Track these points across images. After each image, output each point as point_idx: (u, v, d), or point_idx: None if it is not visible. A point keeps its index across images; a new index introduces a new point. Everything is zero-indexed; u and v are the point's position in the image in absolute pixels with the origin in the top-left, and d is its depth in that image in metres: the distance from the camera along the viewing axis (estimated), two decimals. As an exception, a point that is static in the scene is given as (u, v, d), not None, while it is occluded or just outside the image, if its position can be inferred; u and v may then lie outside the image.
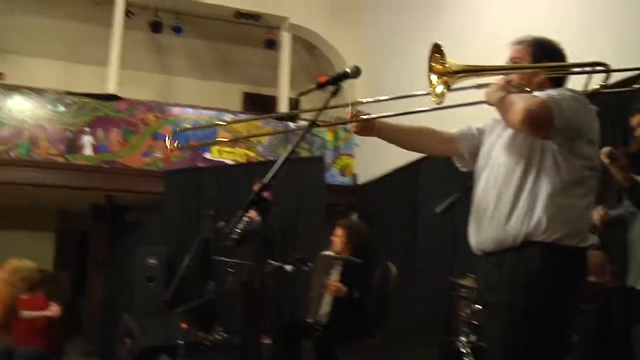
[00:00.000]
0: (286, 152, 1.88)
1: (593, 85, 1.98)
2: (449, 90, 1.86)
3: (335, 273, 4.11)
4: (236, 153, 7.88)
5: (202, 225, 6.04)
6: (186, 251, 6.68)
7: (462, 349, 3.84)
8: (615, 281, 3.19)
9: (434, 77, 1.89)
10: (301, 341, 4.18)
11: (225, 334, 6.05)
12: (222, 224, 5.50)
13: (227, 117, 8.01)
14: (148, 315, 6.11)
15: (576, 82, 2.03)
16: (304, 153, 7.90)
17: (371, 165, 7.80)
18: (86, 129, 7.39)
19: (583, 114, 1.85)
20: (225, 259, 5.22)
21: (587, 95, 1.92)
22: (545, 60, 2.00)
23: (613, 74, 1.95)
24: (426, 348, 5.00)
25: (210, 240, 6.73)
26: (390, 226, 6.81)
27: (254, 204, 1.95)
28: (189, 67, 9.65)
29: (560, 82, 2.03)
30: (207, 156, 7.76)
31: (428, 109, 2.02)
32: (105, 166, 7.39)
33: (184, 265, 4.94)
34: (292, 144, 2.09)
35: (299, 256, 4.14)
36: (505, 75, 1.98)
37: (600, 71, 1.94)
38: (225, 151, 7.85)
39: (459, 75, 1.87)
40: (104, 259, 8.43)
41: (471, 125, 2.22)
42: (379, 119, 2.22)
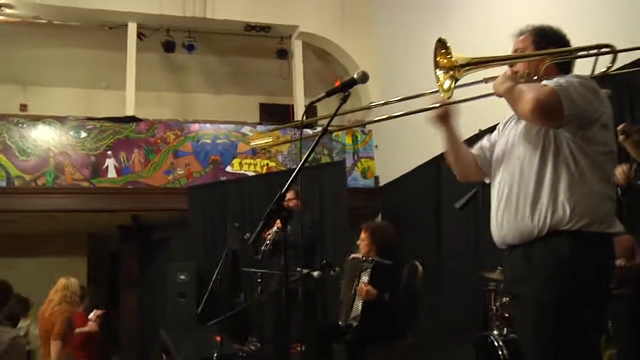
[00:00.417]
0: (301, 161, 1.92)
1: (602, 68, 1.97)
2: (456, 83, 1.88)
3: (364, 276, 4.12)
4: (257, 164, 7.95)
5: (228, 238, 6.10)
6: (214, 265, 6.78)
7: (496, 343, 3.80)
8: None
9: (440, 72, 1.91)
10: (333, 344, 4.20)
11: (258, 344, 6.09)
12: (248, 235, 5.55)
13: (245, 129, 8.08)
14: (182, 330, 6.18)
15: (585, 67, 2.02)
16: (324, 159, 7.93)
17: (391, 166, 7.80)
18: (108, 152, 7.55)
19: (592, 100, 1.84)
20: (254, 269, 5.27)
21: (596, 79, 1.92)
22: (549, 47, 2.00)
23: (621, 54, 1.95)
24: (460, 345, 4.96)
25: (238, 251, 6.79)
26: (415, 225, 6.79)
27: (277, 213, 1.99)
28: (204, 83, 9.78)
29: (567, 68, 2.02)
30: (228, 169, 7.84)
31: (437, 104, 2.03)
32: (130, 187, 7.52)
33: (213, 279, 5.00)
34: (317, 154, 2.09)
35: (325, 261, 4.15)
36: (512, 66, 1.99)
37: (606, 52, 1.94)
38: (246, 163, 7.92)
39: (466, 68, 1.88)
40: (135, 277, 8.56)
41: (483, 138, 2.22)
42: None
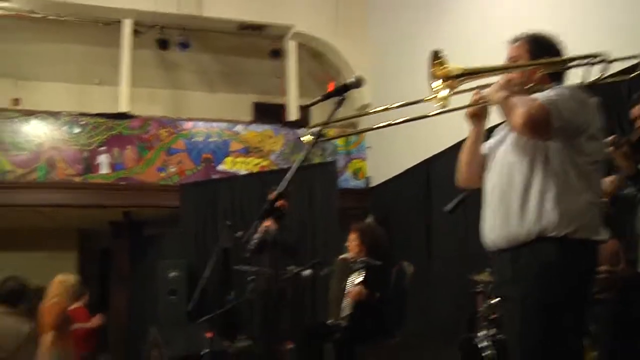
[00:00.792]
0: (296, 164, 1.96)
1: (593, 77, 2.02)
2: (452, 93, 1.93)
3: (355, 277, 4.17)
4: (249, 163, 7.99)
5: (220, 236, 6.13)
6: (205, 262, 6.80)
7: (482, 344, 3.87)
8: (630, 269, 3.22)
9: (436, 82, 1.96)
10: (322, 343, 4.25)
11: (248, 341, 6.13)
12: (240, 233, 5.58)
13: (238, 128, 8.11)
14: (172, 327, 6.21)
15: (578, 75, 2.07)
16: (316, 159, 7.97)
17: (383, 167, 7.86)
18: (102, 148, 7.55)
19: (581, 112, 1.91)
20: (245, 267, 5.31)
21: (588, 87, 1.97)
22: (543, 56, 2.05)
23: (612, 64, 2.00)
24: (447, 346, 5.02)
25: (229, 250, 6.82)
26: (405, 226, 6.85)
27: (269, 213, 2.05)
28: (198, 81, 9.78)
29: (559, 77, 2.08)
30: (220, 168, 7.87)
31: (432, 113, 2.08)
32: (122, 183, 7.53)
33: (205, 276, 5.02)
34: (303, 152, 2.12)
35: (316, 261, 4.21)
36: (506, 74, 2.05)
37: (599, 62, 1.99)
38: (239, 162, 7.95)
39: (461, 78, 1.93)
40: (125, 274, 8.56)
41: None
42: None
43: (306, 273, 4.11)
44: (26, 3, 7.75)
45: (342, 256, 4.53)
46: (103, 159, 7.52)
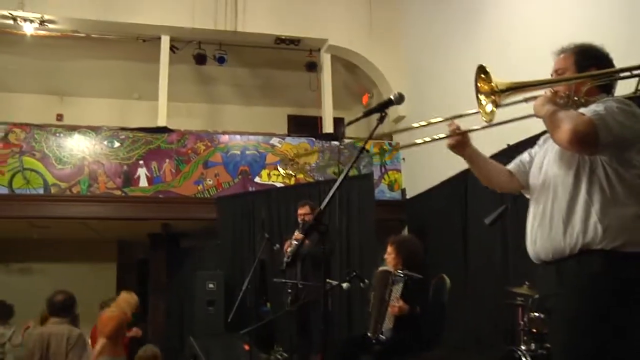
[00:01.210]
0: (339, 180, 2.00)
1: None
2: (497, 107, 1.93)
3: (396, 290, 4.16)
4: (285, 175, 8.05)
5: (258, 248, 6.19)
6: (241, 274, 6.87)
7: (523, 358, 3.81)
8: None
9: (482, 96, 1.96)
10: (360, 356, 4.25)
11: (285, 354, 6.15)
12: (277, 246, 5.64)
13: (274, 140, 8.20)
14: (211, 338, 6.28)
15: (627, 86, 2.04)
16: (351, 172, 7.95)
17: (419, 179, 7.82)
18: (140, 162, 7.73)
19: (630, 125, 1.87)
20: (282, 280, 5.35)
21: (638, 98, 1.94)
22: (591, 67, 2.01)
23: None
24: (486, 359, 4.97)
25: (266, 262, 6.88)
26: (442, 238, 6.79)
27: (313, 228, 2.09)
28: (234, 94, 9.94)
29: (608, 88, 2.04)
30: (257, 180, 7.96)
31: (479, 127, 2.08)
32: (160, 196, 7.68)
33: (244, 288, 5.09)
34: (342, 165, 2.16)
35: (355, 273, 4.21)
36: (552, 87, 2.04)
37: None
38: (274, 174, 8.03)
39: (506, 93, 1.92)
40: (163, 285, 8.69)
41: (522, 153, 2.27)
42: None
43: (345, 286, 4.11)
44: (71, 24, 8.02)
45: (381, 268, 4.53)
46: (142, 172, 7.70)
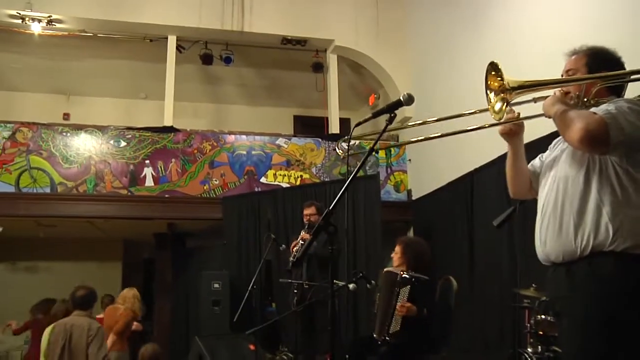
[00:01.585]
0: (348, 181, 2.00)
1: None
2: (507, 106, 1.92)
3: (403, 292, 4.14)
4: (291, 176, 8.05)
5: (263, 248, 6.19)
6: (247, 274, 6.87)
7: (531, 361, 3.79)
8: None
9: (491, 94, 1.95)
10: (367, 357, 4.24)
11: (290, 354, 6.14)
12: (283, 246, 5.64)
13: (280, 141, 8.20)
14: (216, 338, 6.28)
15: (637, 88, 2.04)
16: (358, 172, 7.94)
17: (425, 180, 7.80)
18: (147, 162, 7.74)
19: None
20: (288, 280, 5.34)
21: None
22: (602, 70, 2.01)
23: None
24: (493, 361, 4.95)
25: (272, 262, 6.88)
26: (448, 239, 6.77)
27: (322, 229, 2.08)
28: (240, 94, 9.94)
29: (619, 91, 2.04)
30: (262, 180, 7.96)
31: (487, 125, 2.07)
32: (166, 196, 7.68)
33: (250, 288, 5.08)
34: (349, 166, 2.17)
35: (362, 274, 4.20)
36: (562, 87, 2.03)
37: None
38: (280, 174, 8.03)
39: (517, 91, 1.91)
40: (168, 284, 8.71)
41: (537, 157, 2.26)
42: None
43: (352, 287, 4.10)
44: (77, 23, 8.04)
45: (387, 269, 4.52)
46: (148, 171, 7.71)
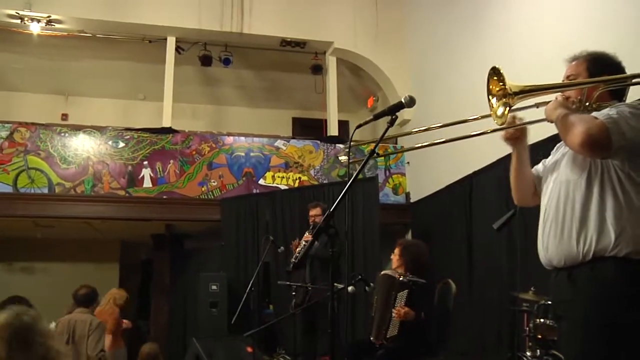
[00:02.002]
0: (348, 184, 2.00)
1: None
2: (510, 111, 1.92)
3: (401, 296, 4.14)
4: (289, 177, 8.04)
5: (262, 250, 6.19)
6: (245, 276, 6.86)
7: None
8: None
9: (493, 99, 1.95)
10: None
11: (288, 357, 6.14)
12: (281, 248, 5.64)
13: (278, 143, 8.20)
14: (214, 339, 6.27)
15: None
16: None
17: (423, 183, 7.81)
18: (145, 163, 7.72)
19: None
20: (286, 282, 5.34)
21: None
22: (603, 74, 2.01)
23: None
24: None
25: (270, 264, 6.87)
26: (446, 242, 6.78)
27: (322, 231, 2.08)
28: (239, 96, 9.94)
29: (621, 95, 2.04)
30: (261, 182, 7.95)
31: (489, 130, 2.07)
32: (164, 197, 7.67)
33: (247, 290, 5.08)
34: (350, 169, 2.18)
35: (360, 277, 4.19)
36: (564, 92, 2.03)
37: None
38: (279, 176, 8.02)
39: (519, 96, 1.91)
40: (166, 286, 8.69)
41: (540, 162, 2.25)
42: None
43: (350, 289, 4.09)
44: (76, 23, 8.03)
45: (384, 272, 4.52)
46: (146, 172, 7.69)
